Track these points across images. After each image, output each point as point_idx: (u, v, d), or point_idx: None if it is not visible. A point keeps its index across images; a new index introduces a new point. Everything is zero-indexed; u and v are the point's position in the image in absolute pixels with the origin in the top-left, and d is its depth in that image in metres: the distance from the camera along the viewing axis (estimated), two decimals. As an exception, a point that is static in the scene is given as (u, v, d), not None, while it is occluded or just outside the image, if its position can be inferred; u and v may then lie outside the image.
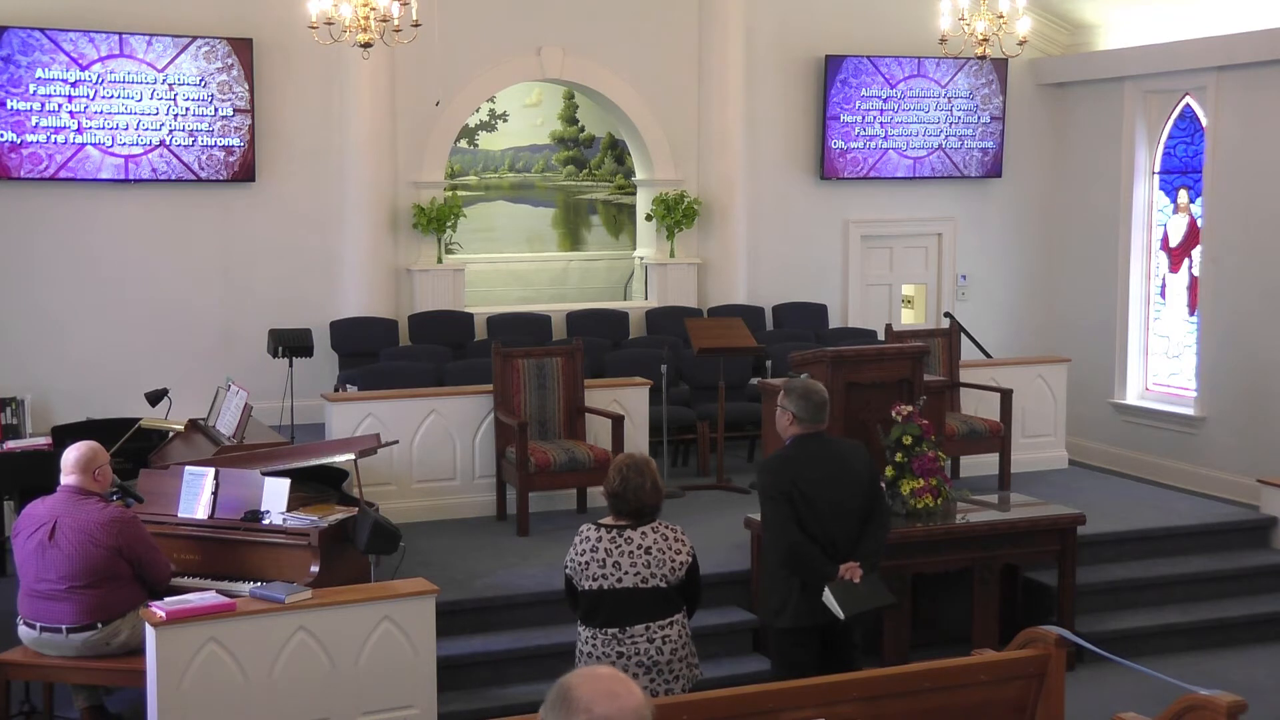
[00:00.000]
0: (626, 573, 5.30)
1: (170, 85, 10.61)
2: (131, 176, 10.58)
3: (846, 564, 5.79)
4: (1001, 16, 9.60)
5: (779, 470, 5.88)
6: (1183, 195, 12.10)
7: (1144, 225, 12.36)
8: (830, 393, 7.37)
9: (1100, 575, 8.34)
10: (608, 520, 5.45)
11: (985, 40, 9.64)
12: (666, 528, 5.43)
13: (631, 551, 5.32)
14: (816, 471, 5.82)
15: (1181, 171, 12.09)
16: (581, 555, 5.37)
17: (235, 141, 10.81)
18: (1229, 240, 11.29)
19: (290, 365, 9.48)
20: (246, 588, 6.03)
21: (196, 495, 6.52)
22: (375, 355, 10.70)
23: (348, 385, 10.10)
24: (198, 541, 6.47)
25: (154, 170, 10.63)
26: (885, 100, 12.53)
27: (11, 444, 8.42)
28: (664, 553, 5.35)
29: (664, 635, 5.34)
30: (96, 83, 10.40)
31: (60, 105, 10.33)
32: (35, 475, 7.57)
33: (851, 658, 5.94)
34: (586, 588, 5.35)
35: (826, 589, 5.76)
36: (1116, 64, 12.29)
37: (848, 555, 5.82)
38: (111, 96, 10.46)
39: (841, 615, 5.75)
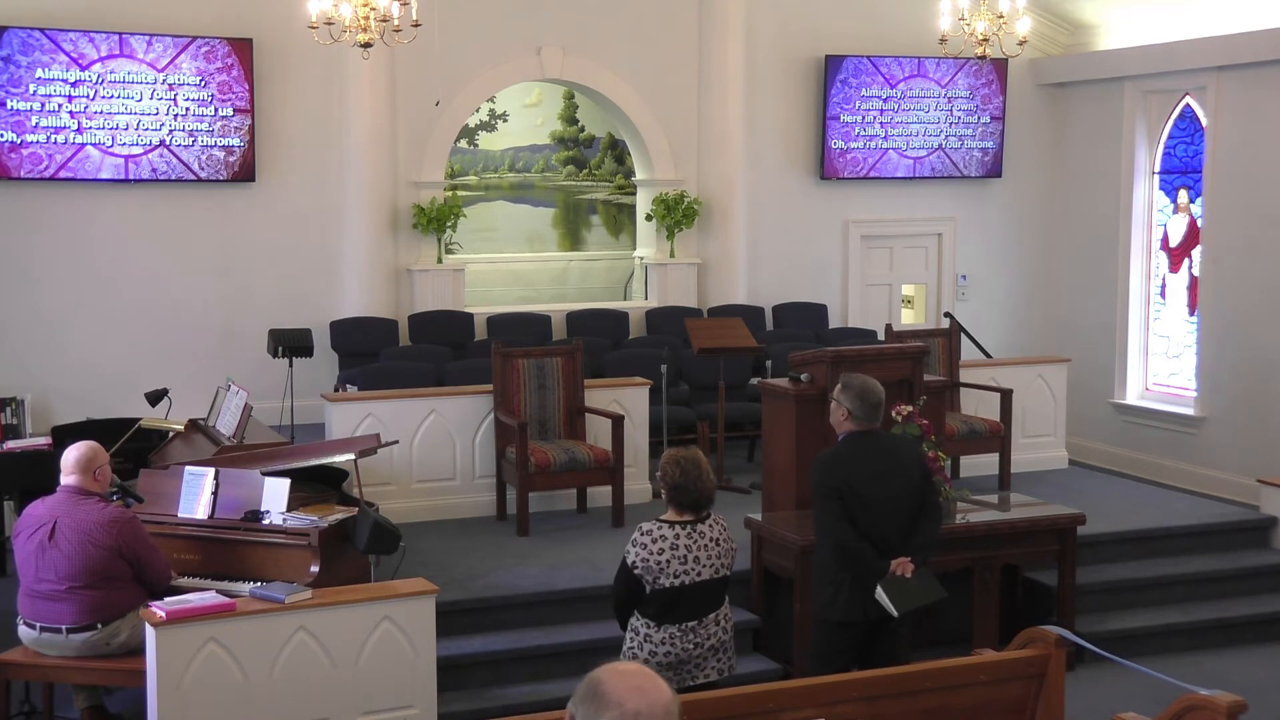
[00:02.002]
0: (705, 566, 5.48)
1: (170, 85, 10.61)
2: (131, 176, 10.58)
3: (898, 559, 5.83)
4: (1001, 16, 9.60)
5: (831, 468, 5.92)
6: (1183, 195, 12.10)
7: (1144, 225, 12.36)
8: (829, 393, 7.38)
9: (1100, 575, 8.33)
10: (671, 516, 5.53)
11: (985, 40, 9.64)
12: (719, 519, 5.65)
13: (705, 545, 5.51)
14: (869, 468, 5.87)
15: (1181, 171, 12.09)
16: (660, 554, 5.43)
17: (235, 141, 10.81)
18: (1229, 240, 11.29)
19: (290, 365, 9.47)
20: (246, 588, 6.03)
21: (196, 495, 6.52)
22: (375, 355, 10.70)
23: (348, 385, 10.10)
24: (198, 541, 6.47)
25: (154, 170, 10.63)
26: (885, 100, 12.53)
27: (11, 444, 8.41)
28: (727, 543, 5.62)
29: (725, 615, 5.63)
30: (96, 83, 10.40)
31: (60, 105, 10.33)
32: (35, 475, 7.57)
33: (896, 651, 5.96)
34: (666, 585, 5.42)
35: (879, 587, 5.80)
36: (1116, 64, 12.28)
37: (899, 550, 5.84)
38: (111, 96, 10.46)
39: (895, 613, 5.80)
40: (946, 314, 11.99)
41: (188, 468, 6.68)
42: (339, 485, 7.15)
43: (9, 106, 10.19)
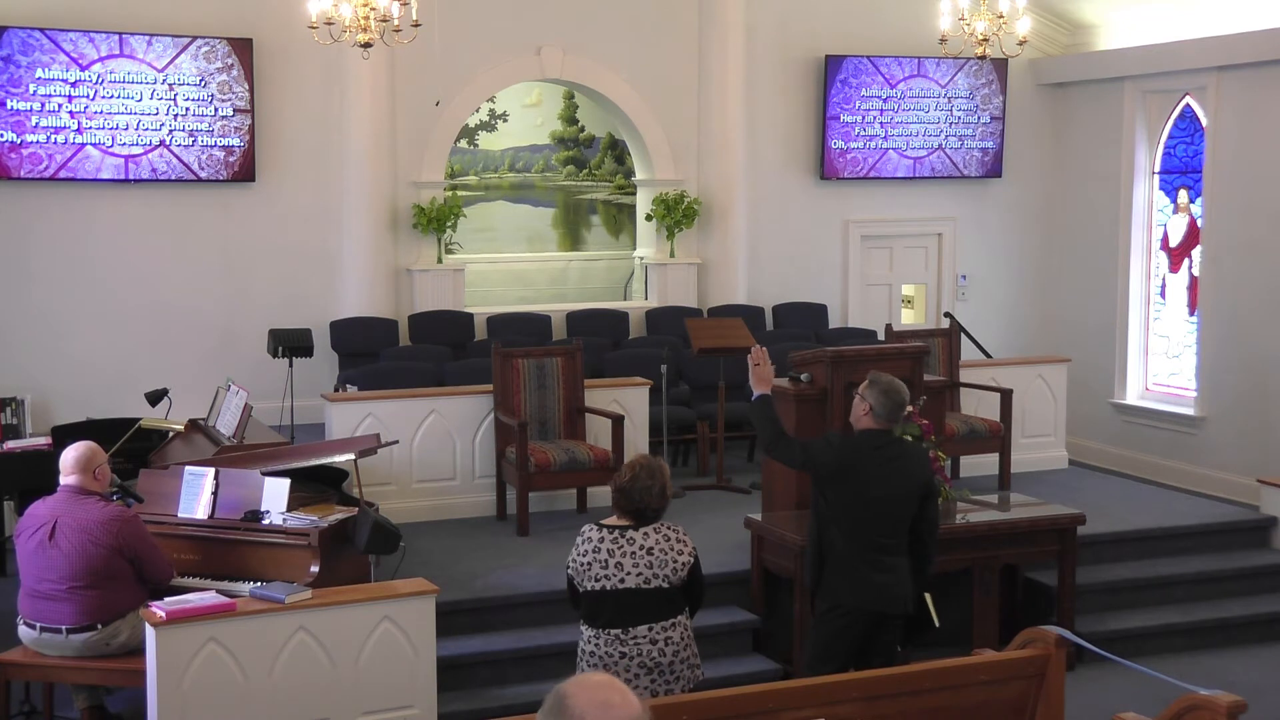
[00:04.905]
0: (629, 573, 5.31)
1: (170, 85, 10.61)
2: (131, 176, 10.58)
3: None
4: (1001, 16, 9.60)
5: (842, 446, 5.91)
6: (1183, 195, 12.10)
7: (1144, 225, 12.36)
8: (829, 393, 7.40)
9: (1100, 575, 8.33)
10: (610, 520, 5.45)
11: (985, 40, 9.65)
12: (669, 528, 5.45)
13: (634, 552, 5.33)
14: (877, 461, 5.83)
15: (1181, 171, 12.09)
16: (583, 556, 5.37)
17: (235, 141, 10.81)
18: (1229, 240, 11.29)
19: (290, 365, 9.47)
20: (246, 588, 6.03)
21: (196, 495, 6.52)
22: (375, 355, 10.70)
23: (348, 385, 10.11)
24: (198, 541, 6.47)
25: (154, 170, 10.63)
26: (885, 100, 12.53)
27: (11, 444, 8.42)
28: (666, 553, 5.36)
29: (666, 637, 5.35)
30: (96, 83, 10.40)
31: (60, 105, 10.33)
32: (35, 475, 7.57)
33: (893, 650, 5.96)
34: (589, 588, 5.36)
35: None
36: (1116, 64, 12.29)
37: (882, 550, 5.81)
38: (111, 96, 10.45)
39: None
40: (946, 314, 11.99)
41: (188, 468, 6.68)
42: (339, 485, 7.15)
43: (9, 106, 10.19)
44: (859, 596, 5.83)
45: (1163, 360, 12.34)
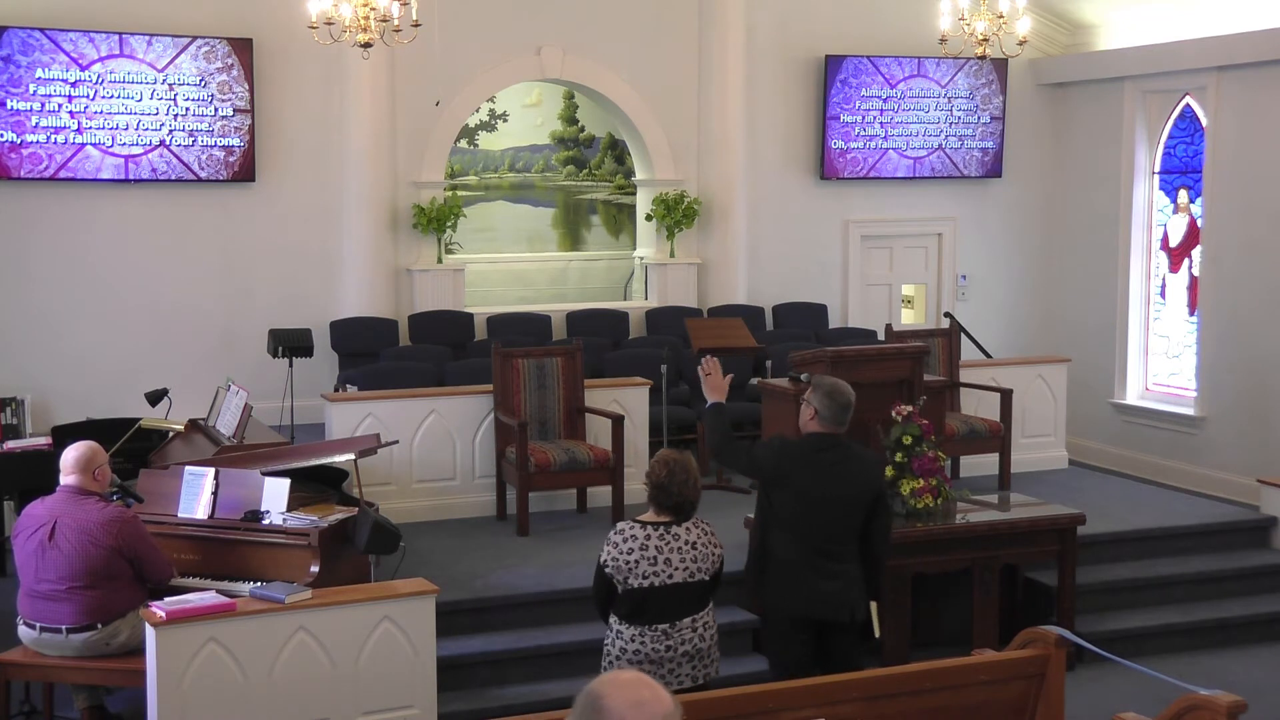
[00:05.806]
0: (677, 568, 5.40)
1: (170, 85, 10.61)
2: (131, 176, 10.58)
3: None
4: (1001, 16, 9.60)
5: (782, 453, 5.85)
6: (1183, 195, 12.10)
7: (1144, 225, 12.36)
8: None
9: (1100, 575, 8.33)
10: (649, 517, 5.50)
11: (985, 40, 9.65)
12: (704, 523, 5.59)
13: (680, 548, 5.43)
14: (820, 466, 5.75)
15: (1181, 171, 12.09)
16: (629, 554, 5.39)
17: (235, 141, 10.81)
18: (1229, 240, 11.29)
19: (290, 365, 9.47)
20: (246, 588, 6.03)
21: (196, 495, 6.52)
22: (375, 355, 10.70)
23: (348, 385, 10.11)
24: (198, 541, 6.47)
25: (154, 170, 10.63)
26: (885, 100, 12.53)
27: (11, 444, 8.42)
28: (706, 547, 5.51)
29: (704, 623, 5.51)
30: (96, 83, 10.40)
31: (60, 105, 10.33)
32: (35, 475, 7.57)
33: (852, 656, 5.91)
34: (635, 585, 5.38)
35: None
36: (1116, 64, 12.29)
37: (827, 556, 5.77)
38: (111, 96, 10.45)
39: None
40: (946, 314, 11.98)
41: (188, 468, 6.68)
42: (339, 485, 7.15)
43: (9, 106, 10.19)
44: (796, 603, 5.78)
45: (1163, 360, 12.34)
